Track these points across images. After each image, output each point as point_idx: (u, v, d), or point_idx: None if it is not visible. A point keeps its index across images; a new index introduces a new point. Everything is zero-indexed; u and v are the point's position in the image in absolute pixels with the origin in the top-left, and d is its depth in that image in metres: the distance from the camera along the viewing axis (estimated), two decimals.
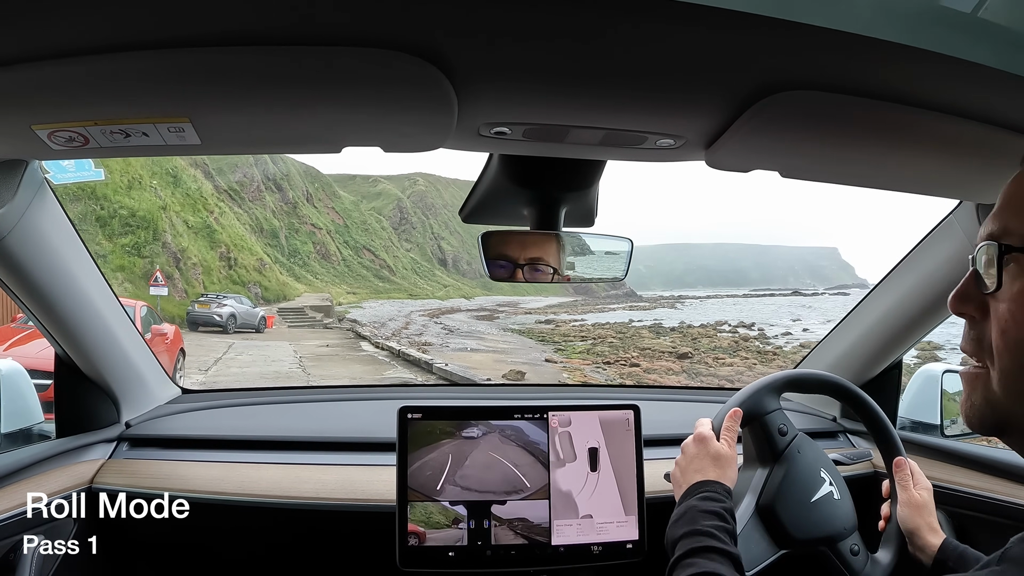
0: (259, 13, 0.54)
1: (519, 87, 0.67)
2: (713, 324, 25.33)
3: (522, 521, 1.15)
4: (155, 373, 1.43)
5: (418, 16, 0.54)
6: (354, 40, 0.57)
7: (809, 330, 22.84)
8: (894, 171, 0.89)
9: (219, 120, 0.71)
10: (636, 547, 1.18)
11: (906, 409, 1.48)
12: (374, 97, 0.67)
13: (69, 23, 0.56)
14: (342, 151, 0.82)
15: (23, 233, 0.98)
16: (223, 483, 1.21)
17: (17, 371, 1.33)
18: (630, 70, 0.63)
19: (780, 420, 1.00)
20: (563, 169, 0.99)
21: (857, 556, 0.98)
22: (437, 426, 1.17)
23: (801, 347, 18.67)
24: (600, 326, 24.53)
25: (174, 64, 0.59)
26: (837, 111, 0.68)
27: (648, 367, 14.68)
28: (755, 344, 19.95)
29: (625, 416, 1.20)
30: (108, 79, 0.62)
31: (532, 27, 0.55)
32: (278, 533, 1.26)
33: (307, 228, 49.53)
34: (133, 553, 1.29)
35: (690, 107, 0.71)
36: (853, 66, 0.60)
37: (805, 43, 0.56)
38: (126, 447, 1.30)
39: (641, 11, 0.52)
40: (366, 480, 1.22)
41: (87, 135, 0.71)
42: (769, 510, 0.95)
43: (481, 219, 1.12)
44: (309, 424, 1.44)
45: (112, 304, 1.25)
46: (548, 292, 59.50)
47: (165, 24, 0.55)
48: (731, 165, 0.86)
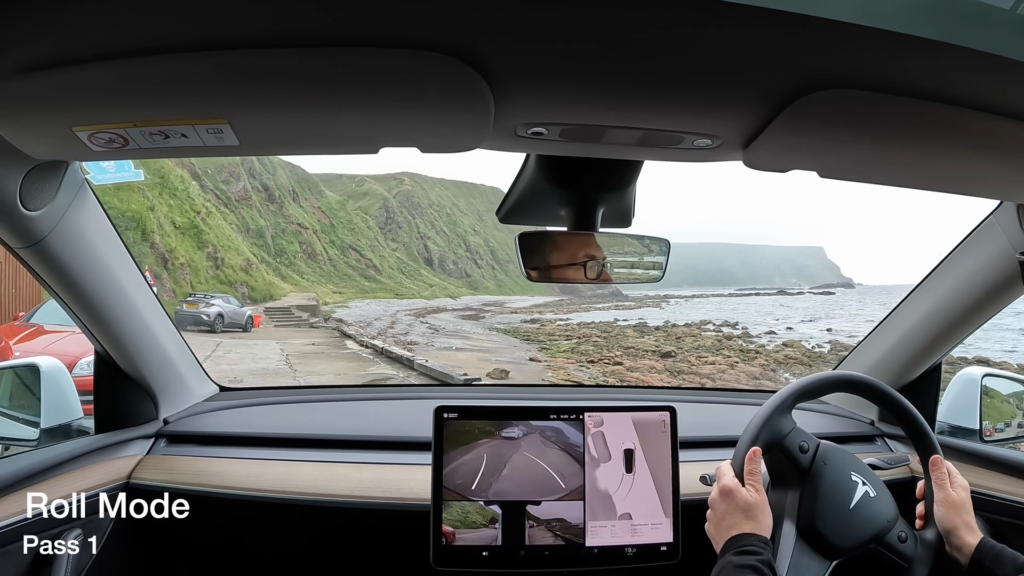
0: (297, 15, 0.54)
1: (556, 88, 0.66)
2: (697, 323, 25.78)
3: (557, 522, 1.15)
4: (193, 371, 1.45)
5: (455, 18, 0.54)
6: (391, 42, 0.57)
7: (793, 329, 23.19)
8: (934, 171, 0.88)
9: (257, 121, 0.72)
10: (671, 549, 1.17)
11: (945, 413, 1.45)
12: (411, 98, 0.67)
13: (109, 26, 0.56)
14: (379, 151, 0.83)
15: (64, 233, 1.00)
16: (259, 480, 1.22)
17: (57, 368, 1.35)
18: (667, 70, 0.62)
19: (798, 438, 0.98)
20: (601, 169, 0.98)
21: (906, 543, 0.97)
22: (476, 425, 1.17)
23: (784, 345, 18.96)
24: (585, 325, 24.88)
25: (213, 66, 0.60)
26: (876, 110, 0.67)
27: (631, 366, 14.91)
28: (738, 343, 20.24)
29: (661, 418, 1.19)
30: (148, 81, 0.62)
31: (569, 28, 0.55)
32: (313, 530, 1.27)
33: (293, 228, 49.70)
34: (169, 548, 1.31)
35: (727, 107, 0.70)
36: (892, 64, 0.59)
37: (844, 41, 0.55)
38: (164, 443, 1.32)
39: (679, 11, 0.52)
40: (401, 479, 1.23)
41: (127, 136, 0.72)
42: (811, 530, 0.93)
43: (518, 219, 1.11)
44: (344, 423, 1.44)
45: (151, 302, 1.26)
46: (534, 291, 59.57)
47: (204, 27, 0.56)
48: (769, 165, 0.85)
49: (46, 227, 0.97)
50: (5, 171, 0.84)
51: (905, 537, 0.97)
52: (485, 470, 1.15)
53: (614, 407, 1.20)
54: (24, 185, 0.87)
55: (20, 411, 1.38)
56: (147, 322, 1.25)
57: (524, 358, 15.63)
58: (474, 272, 79.18)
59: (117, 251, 1.16)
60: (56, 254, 1.02)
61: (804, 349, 18.47)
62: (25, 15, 0.55)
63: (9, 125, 0.71)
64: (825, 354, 17.81)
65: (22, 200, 0.89)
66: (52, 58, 0.60)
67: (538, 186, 1.01)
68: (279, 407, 1.50)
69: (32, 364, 1.35)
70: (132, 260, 1.20)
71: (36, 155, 0.81)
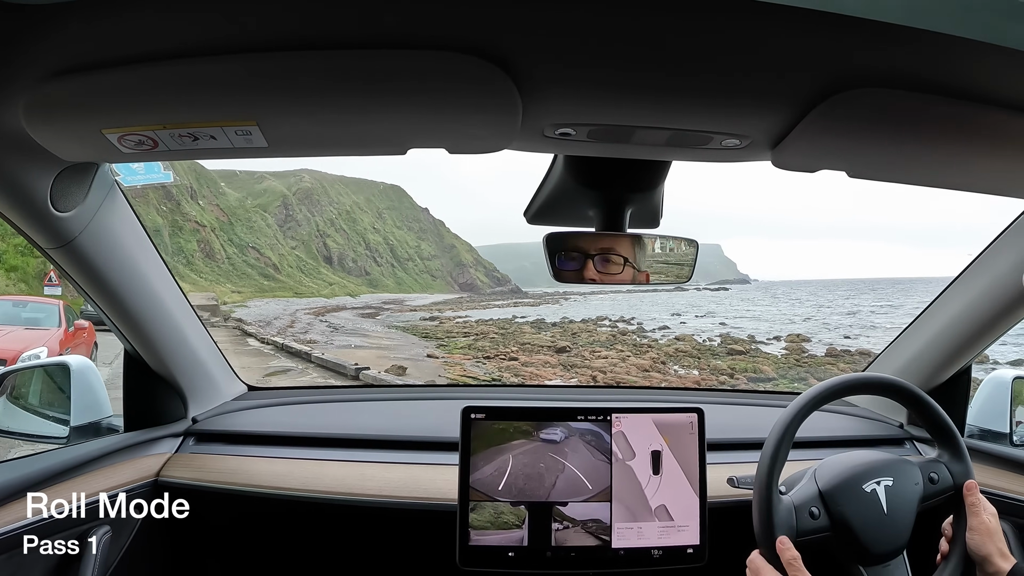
0: (327, 17, 0.55)
1: (584, 88, 0.66)
2: (594, 319, 26.14)
3: (583, 523, 1.15)
4: (222, 370, 1.47)
5: (484, 19, 0.54)
6: (420, 43, 0.57)
7: (686, 323, 23.86)
8: (967, 170, 0.86)
9: (286, 123, 0.72)
10: (697, 552, 1.16)
11: (975, 416, 1.43)
12: (440, 99, 0.67)
13: (139, 30, 0.57)
14: (407, 153, 0.83)
15: (94, 234, 1.01)
16: (288, 479, 1.23)
17: (87, 366, 1.37)
18: (696, 71, 0.62)
19: (804, 512, 0.95)
20: (629, 169, 0.97)
21: (937, 482, 0.99)
22: (514, 426, 1.17)
23: (676, 340, 19.63)
24: (483, 322, 25.15)
25: (242, 69, 0.60)
26: (908, 109, 0.66)
27: (526, 361, 15.33)
28: (632, 338, 20.71)
29: (689, 419, 1.19)
30: (177, 84, 0.63)
31: (597, 29, 0.55)
32: (341, 529, 1.28)
33: (191, 226, 48.65)
34: (197, 545, 1.33)
35: (756, 106, 0.70)
36: (924, 63, 0.59)
37: (876, 40, 0.55)
38: (192, 442, 1.34)
39: (710, 11, 0.52)
40: (429, 479, 1.23)
41: (156, 139, 0.73)
42: (872, 557, 0.94)
43: (546, 220, 1.11)
44: (373, 422, 1.45)
45: (180, 303, 1.28)
46: (433, 289, 58.74)
47: (233, 30, 0.56)
48: (797, 165, 0.84)
49: (76, 228, 0.98)
50: (36, 173, 0.85)
51: (937, 478, 0.98)
52: (512, 471, 1.15)
53: (641, 408, 1.19)
54: (55, 187, 0.88)
55: (50, 409, 1.40)
56: (177, 321, 1.26)
57: (422, 355, 16.02)
58: (374, 270, 78.49)
59: (147, 252, 1.17)
60: (86, 254, 1.03)
61: (695, 343, 19.11)
62: (56, 21, 0.56)
63: (40, 128, 0.71)
64: (715, 347, 18.34)
65: (53, 201, 0.90)
66: (83, 62, 0.61)
67: (566, 187, 1.01)
68: (307, 407, 1.51)
69: (62, 363, 1.37)
70: (162, 261, 1.21)
71: (67, 157, 0.82)
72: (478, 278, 79.85)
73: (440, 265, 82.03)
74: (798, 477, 1.03)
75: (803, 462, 1.07)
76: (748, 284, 45.31)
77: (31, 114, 0.68)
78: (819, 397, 1.00)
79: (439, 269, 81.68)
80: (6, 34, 0.58)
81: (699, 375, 14.79)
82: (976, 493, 0.97)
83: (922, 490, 0.97)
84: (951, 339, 1.36)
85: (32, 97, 0.65)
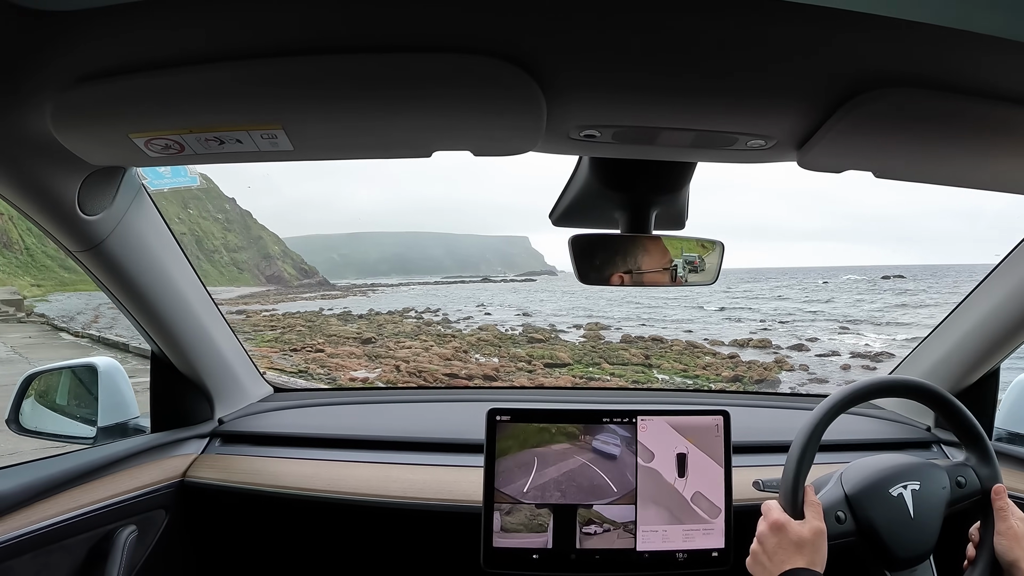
0: (351, 21, 0.55)
1: (609, 90, 0.66)
2: (401, 311, 26.57)
3: (608, 525, 1.14)
4: (248, 372, 1.48)
5: (508, 23, 0.54)
6: (445, 46, 0.58)
7: (491, 314, 24.48)
8: (996, 170, 0.85)
9: (311, 127, 0.72)
10: (722, 556, 1.15)
11: (1003, 419, 1.41)
12: (465, 102, 0.67)
13: (166, 35, 0.58)
14: (432, 155, 0.83)
15: (121, 237, 1.03)
16: (313, 480, 1.24)
17: (114, 367, 1.39)
18: (721, 71, 0.62)
19: (831, 514, 0.94)
20: (655, 171, 0.97)
21: (964, 486, 0.97)
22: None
23: (479, 329, 20.27)
24: (291, 315, 25.04)
25: (268, 73, 0.61)
26: (935, 109, 0.65)
27: (332, 352, 15.78)
28: (437, 328, 21.38)
29: (715, 422, 1.18)
30: (204, 88, 0.64)
31: (621, 31, 0.55)
32: (366, 530, 1.28)
33: None
34: (222, 546, 1.34)
35: (782, 107, 0.69)
36: (951, 62, 0.58)
37: (902, 39, 0.54)
38: (218, 443, 1.35)
39: (732, 11, 0.52)
40: (454, 480, 1.23)
41: (182, 143, 0.73)
42: (900, 562, 0.92)
43: (571, 222, 1.11)
44: (398, 424, 1.45)
45: (207, 304, 1.29)
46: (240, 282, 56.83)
47: (260, 34, 0.57)
48: (823, 166, 0.83)
49: (104, 231, 0.99)
50: (64, 177, 0.86)
51: (964, 481, 0.97)
52: (536, 473, 1.15)
53: (667, 411, 1.19)
54: (82, 191, 0.90)
55: (78, 410, 1.42)
56: (203, 324, 1.27)
57: None
58: None
59: (174, 254, 1.18)
60: (114, 257, 1.04)
61: (497, 332, 19.71)
62: (81, 27, 0.57)
63: (68, 133, 0.72)
64: (516, 336, 19.04)
65: (80, 205, 0.91)
66: (110, 67, 0.62)
67: (592, 189, 1.01)
68: (332, 408, 1.52)
69: (90, 364, 1.39)
70: (188, 263, 1.23)
71: (94, 161, 0.82)
72: (285, 270, 76.27)
73: (247, 257, 77.87)
74: (824, 480, 1.02)
75: (829, 465, 1.06)
76: (556, 275, 45.18)
77: (59, 119, 0.69)
78: (846, 400, 0.98)
79: (246, 261, 77.59)
80: (33, 41, 0.59)
81: (499, 362, 15.51)
82: (1004, 497, 0.95)
83: (949, 494, 0.96)
84: (979, 341, 1.34)
85: (59, 102, 0.66)
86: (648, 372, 14.72)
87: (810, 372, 14.50)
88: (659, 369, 15.12)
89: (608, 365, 15.19)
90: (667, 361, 15.68)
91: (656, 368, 15.14)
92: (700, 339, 18.37)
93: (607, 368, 14.97)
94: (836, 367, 15.08)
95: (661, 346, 17.29)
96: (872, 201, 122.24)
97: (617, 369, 14.81)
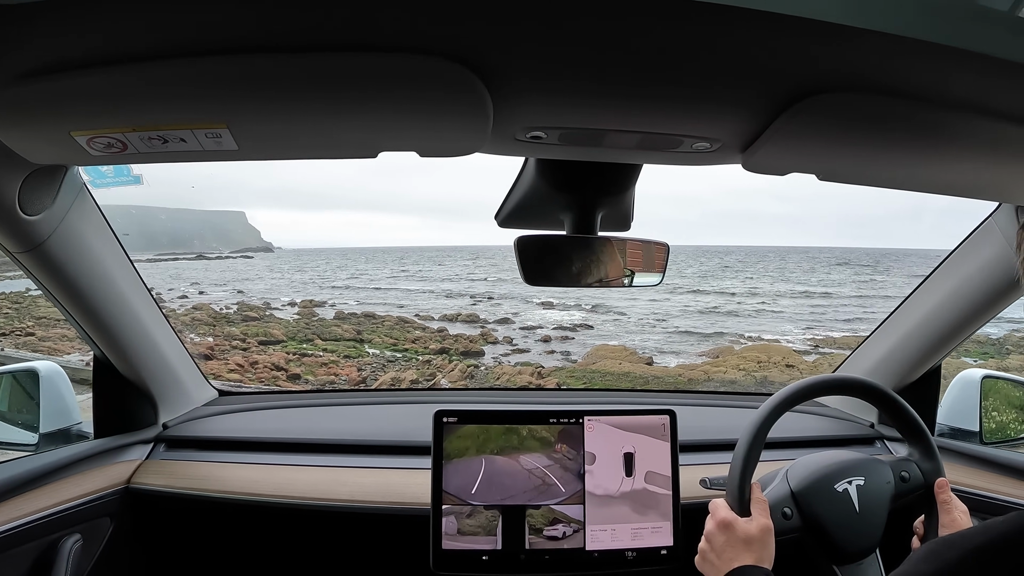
0: (297, 20, 0.54)
1: (555, 93, 0.66)
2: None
3: (556, 526, 1.15)
4: (192, 375, 1.45)
5: (455, 23, 0.54)
6: (391, 46, 0.57)
7: (205, 293, 23.84)
8: (934, 173, 0.87)
9: (256, 127, 0.71)
10: (671, 553, 1.17)
11: (945, 415, 1.45)
12: (411, 103, 0.66)
13: (108, 31, 0.56)
14: (378, 156, 0.82)
15: (62, 238, 1.00)
16: (261, 485, 1.22)
17: (56, 372, 1.35)
18: (667, 74, 0.62)
19: (778, 510, 0.95)
20: (601, 173, 0.98)
21: (908, 480, 1.00)
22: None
23: (194, 309, 19.62)
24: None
25: (212, 71, 0.59)
26: (876, 113, 0.66)
27: (43, 335, 15.06)
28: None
29: (661, 421, 1.19)
30: (147, 86, 0.62)
31: (568, 33, 0.55)
32: (314, 535, 1.27)
33: None
34: (169, 553, 1.31)
35: (727, 111, 0.70)
36: (891, 67, 0.59)
37: (843, 44, 0.55)
38: (163, 448, 1.32)
39: (679, 14, 0.52)
40: (403, 483, 1.23)
41: (125, 141, 0.72)
42: (847, 555, 0.94)
43: (516, 224, 1.11)
44: (345, 427, 1.44)
45: (150, 307, 1.26)
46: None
47: (204, 31, 0.55)
48: (768, 168, 0.84)
49: (45, 232, 0.96)
50: (4, 176, 0.84)
51: (908, 476, 0.99)
52: (484, 474, 1.15)
53: (614, 411, 1.20)
54: (23, 190, 0.87)
55: (19, 415, 1.38)
56: (146, 326, 1.24)
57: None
58: None
59: (116, 256, 1.15)
60: (55, 258, 1.02)
61: (212, 312, 19.30)
62: (23, 21, 0.55)
63: (8, 130, 0.70)
64: (231, 315, 18.72)
65: (21, 205, 0.88)
66: (51, 63, 0.60)
67: (538, 190, 1.01)
68: (279, 412, 1.49)
69: (31, 368, 1.35)
70: (132, 265, 1.20)
71: (35, 160, 0.80)
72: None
73: None
74: (770, 478, 1.03)
75: (775, 462, 1.08)
76: (272, 252, 45.20)
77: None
78: (790, 398, 1.00)
79: None
80: None
81: (213, 341, 15.39)
82: (947, 491, 0.97)
83: (893, 489, 0.98)
84: (921, 339, 1.38)
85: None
86: (359, 347, 14.88)
87: (513, 344, 15.40)
88: (370, 344, 15.28)
89: (321, 341, 15.24)
90: (378, 336, 15.83)
91: (368, 343, 15.27)
92: (411, 315, 18.67)
93: (320, 344, 15.02)
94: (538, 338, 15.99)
95: (373, 321, 17.41)
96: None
97: (330, 344, 14.93)
